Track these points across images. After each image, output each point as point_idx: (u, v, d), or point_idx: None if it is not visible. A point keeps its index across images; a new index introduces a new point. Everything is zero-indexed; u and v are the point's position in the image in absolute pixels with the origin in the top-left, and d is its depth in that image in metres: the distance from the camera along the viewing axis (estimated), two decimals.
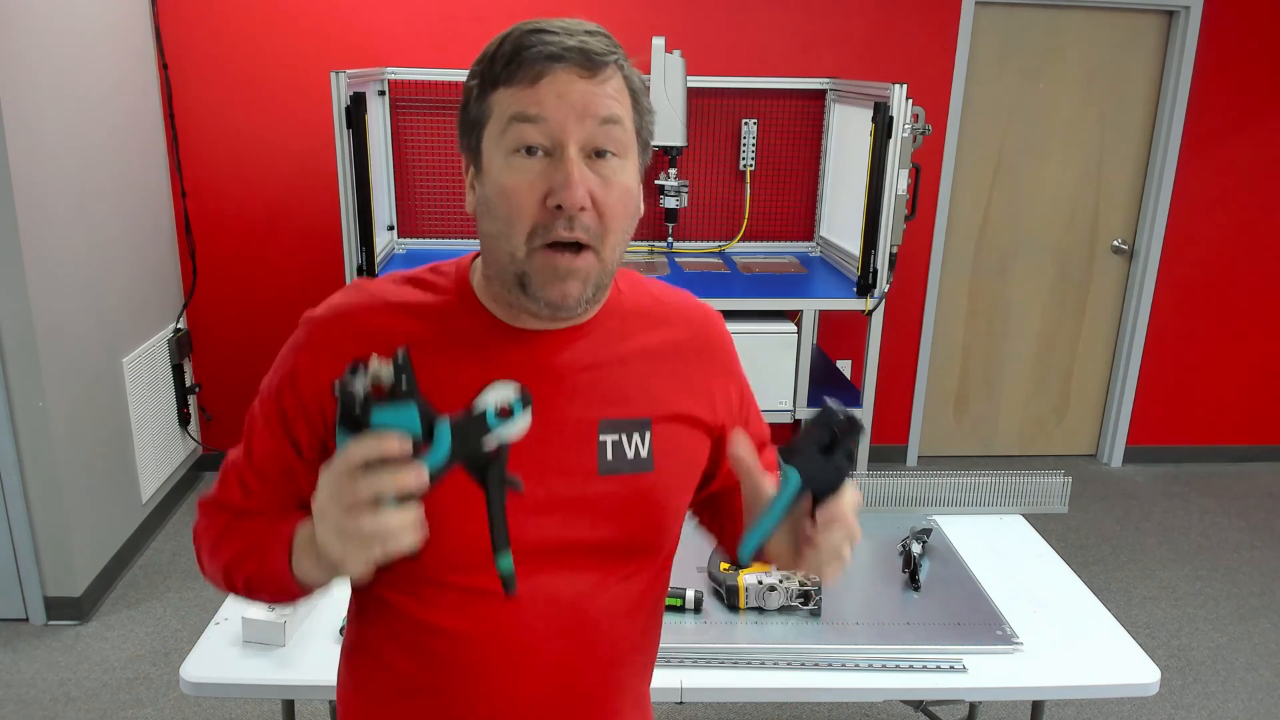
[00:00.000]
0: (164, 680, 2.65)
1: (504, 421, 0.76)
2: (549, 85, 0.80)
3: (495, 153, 0.84)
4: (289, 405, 0.91)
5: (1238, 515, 3.88)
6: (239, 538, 0.92)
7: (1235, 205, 4.06)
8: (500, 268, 0.86)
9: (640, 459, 0.94)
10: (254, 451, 0.94)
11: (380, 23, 3.54)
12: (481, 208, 0.87)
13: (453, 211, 3.75)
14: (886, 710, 2.61)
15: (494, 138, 0.84)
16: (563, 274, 0.84)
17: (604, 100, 0.82)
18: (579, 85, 0.81)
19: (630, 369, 0.95)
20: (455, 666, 0.94)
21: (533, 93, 0.80)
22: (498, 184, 0.83)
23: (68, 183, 2.86)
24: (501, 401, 0.76)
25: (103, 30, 3.10)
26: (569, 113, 0.80)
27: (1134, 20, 3.88)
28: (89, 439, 2.98)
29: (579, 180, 0.81)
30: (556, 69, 0.80)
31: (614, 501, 0.93)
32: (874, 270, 3.17)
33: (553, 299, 0.85)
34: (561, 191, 0.81)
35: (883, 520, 2.11)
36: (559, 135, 0.81)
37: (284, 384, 0.92)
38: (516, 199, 0.82)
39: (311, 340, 0.92)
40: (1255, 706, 2.71)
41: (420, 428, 0.74)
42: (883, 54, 3.75)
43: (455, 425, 0.75)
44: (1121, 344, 4.25)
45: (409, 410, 0.74)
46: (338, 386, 0.74)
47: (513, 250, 0.84)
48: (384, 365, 0.74)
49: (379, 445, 0.72)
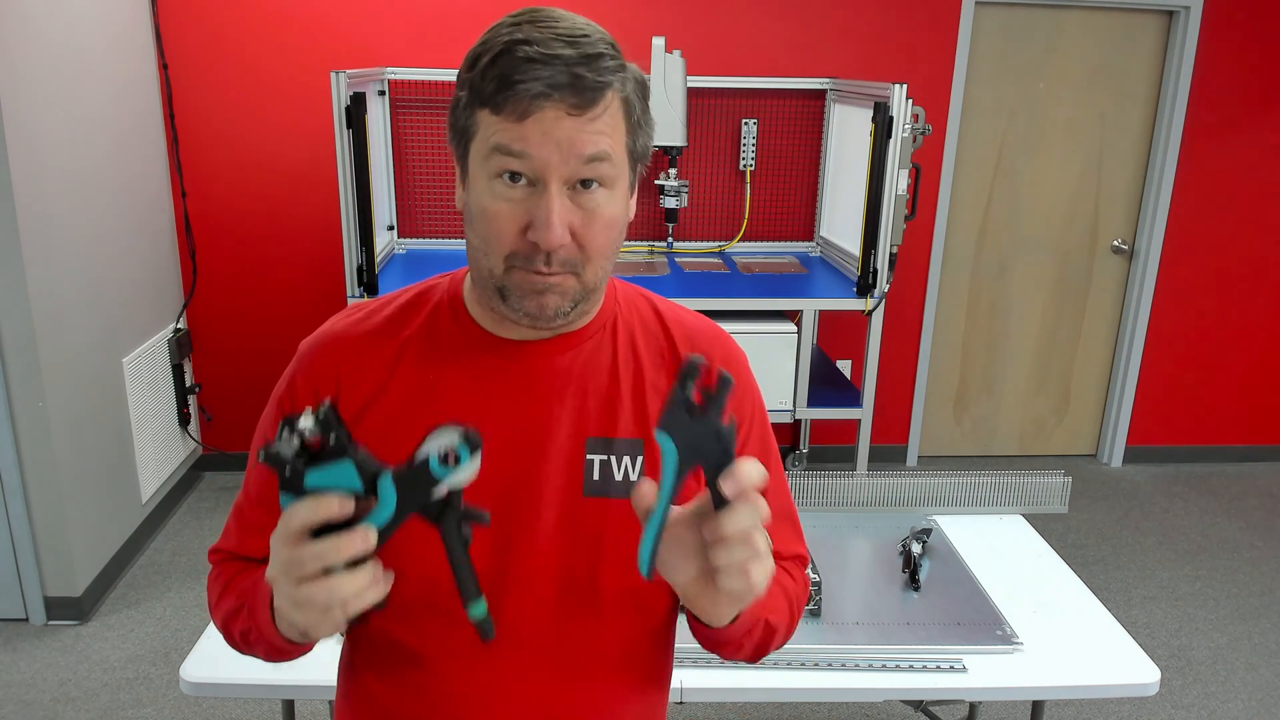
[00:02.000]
0: (164, 680, 2.65)
1: (450, 469, 0.71)
2: (535, 123, 0.77)
3: (479, 171, 0.82)
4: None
5: (1238, 515, 3.88)
6: (234, 595, 0.91)
7: (1235, 205, 4.05)
8: (481, 278, 0.86)
9: (630, 483, 0.88)
10: (252, 484, 0.94)
11: (380, 23, 3.54)
12: (466, 214, 0.86)
13: (453, 211, 3.74)
14: (886, 710, 2.61)
15: (478, 157, 0.82)
16: (540, 288, 0.83)
17: (591, 138, 0.78)
18: (566, 123, 0.77)
19: (624, 386, 0.91)
20: (434, 697, 0.91)
21: (518, 129, 0.78)
22: (479, 204, 0.82)
23: (68, 183, 2.86)
24: (445, 448, 0.71)
25: (103, 31, 3.10)
26: (553, 151, 0.78)
27: (1134, 20, 3.88)
28: (89, 439, 2.97)
29: (557, 220, 0.79)
30: (544, 106, 0.77)
31: (598, 527, 0.89)
32: (874, 270, 3.17)
33: (530, 310, 0.84)
34: (541, 230, 0.79)
35: (883, 520, 2.11)
36: (542, 172, 0.79)
37: (284, 405, 0.92)
38: (496, 225, 0.81)
39: (303, 362, 0.93)
40: (1255, 706, 2.71)
41: (361, 483, 0.71)
42: (883, 54, 3.75)
43: (399, 478, 0.71)
44: (1121, 344, 4.25)
45: (345, 467, 0.70)
46: (262, 453, 0.70)
47: (491, 266, 0.84)
48: (306, 416, 0.70)
49: (317, 509, 0.69)
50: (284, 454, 0.70)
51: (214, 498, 3.73)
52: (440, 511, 0.73)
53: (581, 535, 0.89)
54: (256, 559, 0.93)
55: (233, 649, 0.92)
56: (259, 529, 0.92)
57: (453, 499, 0.73)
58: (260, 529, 0.91)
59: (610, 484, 0.89)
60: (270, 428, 0.93)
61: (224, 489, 3.80)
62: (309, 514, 0.70)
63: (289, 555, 0.71)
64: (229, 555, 0.96)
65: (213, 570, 0.97)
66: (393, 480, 0.71)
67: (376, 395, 0.89)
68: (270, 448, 0.70)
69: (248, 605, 0.86)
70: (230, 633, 0.91)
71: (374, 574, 0.72)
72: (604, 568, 0.89)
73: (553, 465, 0.88)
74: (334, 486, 0.70)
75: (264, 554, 0.90)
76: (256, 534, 0.92)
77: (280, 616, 0.78)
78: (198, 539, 3.41)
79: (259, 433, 0.95)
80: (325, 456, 0.70)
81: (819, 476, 2.15)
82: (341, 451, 0.70)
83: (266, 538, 0.89)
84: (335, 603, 0.70)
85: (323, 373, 0.91)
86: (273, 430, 0.89)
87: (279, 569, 0.72)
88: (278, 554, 0.72)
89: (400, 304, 0.94)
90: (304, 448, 0.71)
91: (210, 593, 0.95)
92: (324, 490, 0.70)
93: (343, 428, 0.71)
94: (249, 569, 0.92)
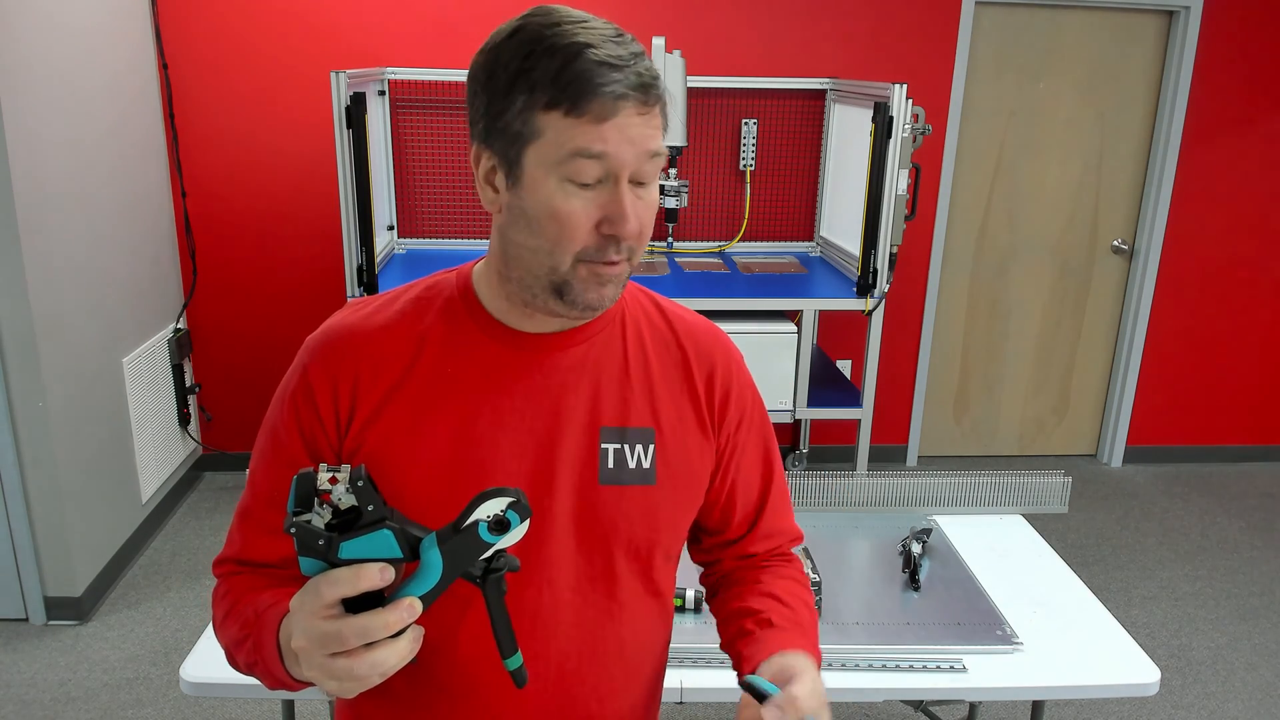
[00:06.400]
0: (164, 680, 2.65)
1: (499, 536, 0.69)
2: (614, 125, 0.80)
3: (546, 175, 0.82)
4: (306, 419, 0.90)
5: (1238, 515, 3.88)
6: (237, 622, 0.88)
7: (1235, 204, 4.05)
8: (533, 276, 0.86)
9: (643, 470, 0.92)
10: (260, 483, 0.92)
11: (380, 23, 3.54)
12: (517, 218, 0.85)
13: (453, 211, 3.75)
14: (886, 710, 2.61)
15: (547, 161, 0.81)
16: (604, 280, 0.86)
17: (654, 135, 0.83)
18: (636, 122, 0.81)
19: (634, 376, 0.94)
20: (446, 684, 0.92)
21: (598, 131, 0.79)
22: (548, 206, 0.82)
23: (68, 183, 2.86)
24: (494, 513, 0.69)
25: (102, 30, 3.10)
26: (629, 149, 0.81)
27: (1134, 20, 3.88)
28: (89, 439, 2.97)
29: (632, 213, 0.82)
30: (622, 108, 0.80)
31: (612, 514, 0.91)
32: (874, 270, 3.17)
33: (591, 302, 0.86)
34: (619, 223, 0.82)
35: (883, 520, 2.11)
36: (617, 170, 0.81)
37: (298, 399, 0.90)
38: (571, 224, 0.82)
39: (317, 356, 0.91)
40: (1255, 706, 2.71)
41: (400, 551, 0.68)
42: (883, 54, 3.75)
43: (445, 545, 0.69)
44: (1121, 344, 4.25)
45: (384, 537, 0.67)
46: (290, 523, 0.67)
47: (555, 264, 0.84)
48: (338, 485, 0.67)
49: (358, 582, 0.67)
50: (317, 526, 0.67)
51: (214, 498, 3.73)
52: (484, 573, 0.72)
53: (597, 522, 0.91)
54: (262, 564, 0.93)
55: (235, 670, 0.90)
56: (270, 530, 0.91)
57: (495, 560, 0.72)
58: (271, 530, 0.91)
59: (624, 471, 0.92)
60: (281, 427, 0.91)
61: (224, 489, 3.79)
62: (349, 586, 0.68)
63: (326, 630, 0.69)
64: (234, 567, 0.94)
65: (218, 586, 0.95)
66: (438, 546, 0.69)
67: (396, 388, 0.90)
68: (299, 520, 0.67)
69: (253, 639, 0.84)
70: (234, 660, 0.89)
71: (414, 638, 0.71)
72: (618, 553, 0.92)
73: (569, 454, 0.91)
74: (372, 556, 0.67)
75: (272, 557, 0.91)
76: (266, 535, 0.92)
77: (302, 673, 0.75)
78: (198, 539, 3.41)
79: (265, 430, 0.93)
80: (361, 526, 0.67)
81: (819, 476, 2.15)
82: (380, 520, 0.68)
83: (276, 538, 0.88)
84: (375, 675, 0.69)
85: (339, 367, 0.90)
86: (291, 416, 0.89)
87: (312, 642, 0.70)
88: (309, 626, 0.70)
89: (410, 298, 0.94)
90: (335, 514, 0.68)
91: (215, 610, 0.93)
92: (360, 560, 0.67)
93: (378, 494, 0.68)
94: (253, 593, 0.89)
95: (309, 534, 0.66)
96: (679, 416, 0.95)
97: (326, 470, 0.68)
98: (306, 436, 0.90)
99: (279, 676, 0.82)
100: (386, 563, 0.68)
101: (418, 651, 0.72)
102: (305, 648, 0.71)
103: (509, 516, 0.69)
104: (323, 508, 0.67)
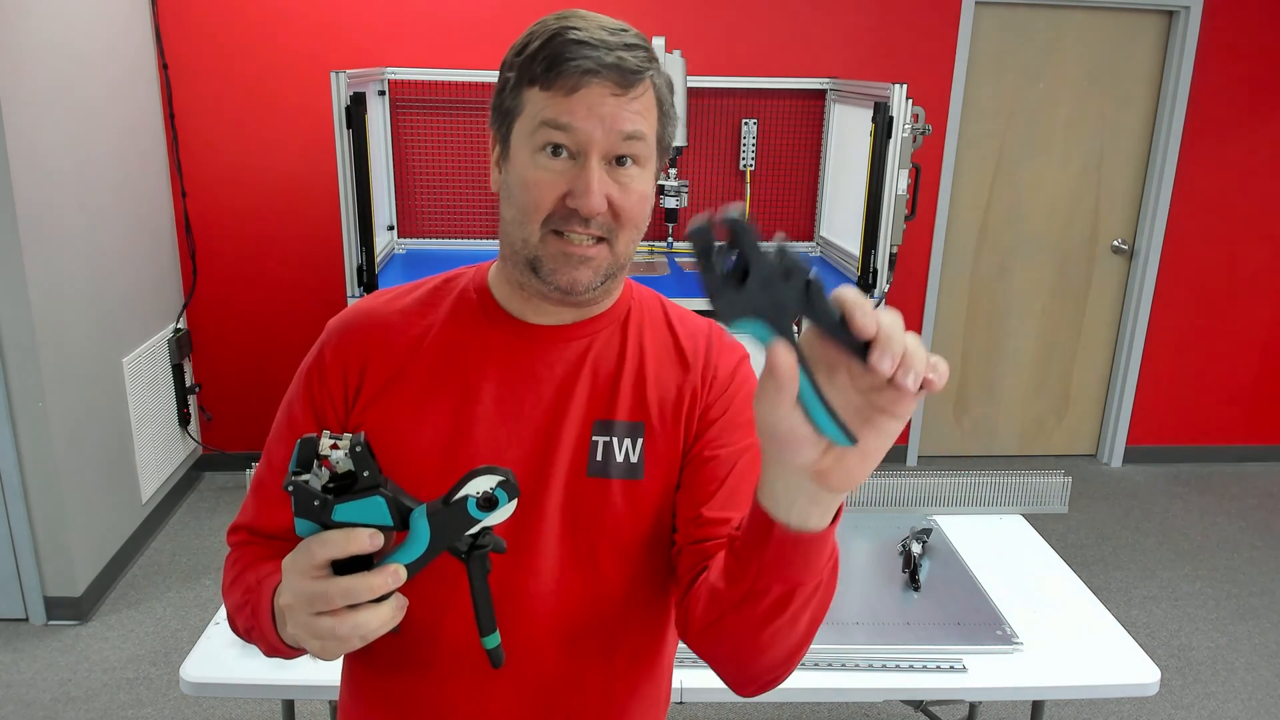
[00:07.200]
0: (164, 680, 2.65)
1: (487, 513, 0.71)
2: (581, 98, 0.83)
3: (523, 146, 0.87)
4: (319, 395, 0.94)
5: (1238, 515, 3.88)
6: (240, 588, 0.91)
7: (1235, 205, 4.05)
8: (514, 251, 0.90)
9: (630, 464, 0.93)
10: (275, 456, 0.96)
11: (380, 23, 3.54)
12: (504, 192, 0.90)
13: (453, 211, 3.75)
14: (886, 710, 2.61)
15: (523, 133, 0.87)
16: (575, 261, 0.87)
17: (630, 117, 0.85)
18: (609, 101, 0.84)
19: (626, 372, 0.95)
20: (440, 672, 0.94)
21: (566, 103, 0.83)
22: (521, 176, 0.87)
23: (68, 183, 2.86)
24: (484, 490, 0.71)
25: (103, 31, 3.10)
26: (597, 125, 0.84)
27: (1134, 20, 3.88)
28: (89, 439, 2.97)
29: (597, 188, 0.84)
30: (592, 83, 0.83)
31: (598, 505, 0.92)
32: (874, 270, 3.17)
33: (563, 285, 0.88)
34: (581, 197, 0.84)
35: (883, 520, 2.11)
36: (584, 145, 0.84)
37: (313, 376, 0.95)
38: (536, 193, 0.86)
39: (333, 336, 0.97)
40: (1255, 706, 2.71)
41: (392, 519, 0.70)
42: (883, 54, 3.75)
43: (434, 517, 0.70)
44: (1121, 344, 4.25)
45: (376, 503, 0.69)
46: (289, 482, 0.69)
47: (526, 236, 0.88)
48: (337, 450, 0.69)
49: (348, 544, 0.69)
50: (314, 486, 0.69)
51: (214, 498, 3.73)
52: (469, 549, 0.73)
53: (582, 513, 0.92)
54: (272, 534, 0.96)
55: (236, 636, 0.94)
56: (280, 500, 0.94)
57: (481, 538, 0.73)
58: (281, 500, 0.94)
59: (611, 464, 0.93)
60: (297, 401, 0.95)
61: (224, 489, 3.79)
62: (339, 548, 0.69)
63: (313, 589, 0.70)
64: (246, 535, 0.98)
65: (230, 553, 0.98)
66: (427, 517, 0.71)
67: (401, 370, 0.93)
68: (298, 479, 0.69)
69: (252, 604, 0.87)
70: (235, 625, 0.93)
71: (396, 606, 0.72)
72: (603, 545, 0.93)
73: (563, 445, 0.92)
74: (364, 521, 0.69)
75: (283, 528, 0.94)
76: (276, 504, 0.95)
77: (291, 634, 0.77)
78: (198, 539, 3.41)
79: (283, 404, 0.97)
80: (356, 490, 0.69)
81: None
82: (374, 486, 0.70)
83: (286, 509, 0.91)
84: (356, 636, 0.71)
85: (351, 348, 0.95)
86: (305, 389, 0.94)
87: (298, 600, 0.72)
88: (297, 586, 0.72)
89: (429, 288, 0.99)
90: (332, 478, 0.70)
91: (224, 576, 0.97)
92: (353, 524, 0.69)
93: (374, 462, 0.70)
94: (258, 562, 0.93)
95: (305, 494, 0.69)
96: (672, 413, 0.96)
97: (329, 437, 0.70)
98: (318, 411, 0.94)
99: (272, 641, 0.84)
100: (377, 529, 0.70)
101: (399, 620, 0.73)
102: (292, 605, 0.73)
103: (497, 494, 0.71)
104: (321, 470, 0.69)
